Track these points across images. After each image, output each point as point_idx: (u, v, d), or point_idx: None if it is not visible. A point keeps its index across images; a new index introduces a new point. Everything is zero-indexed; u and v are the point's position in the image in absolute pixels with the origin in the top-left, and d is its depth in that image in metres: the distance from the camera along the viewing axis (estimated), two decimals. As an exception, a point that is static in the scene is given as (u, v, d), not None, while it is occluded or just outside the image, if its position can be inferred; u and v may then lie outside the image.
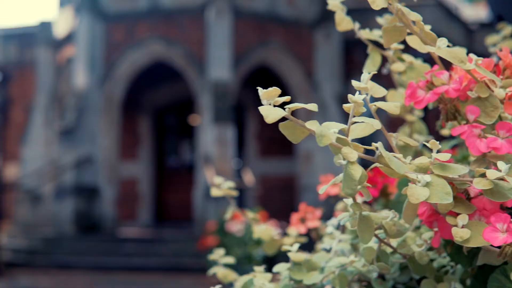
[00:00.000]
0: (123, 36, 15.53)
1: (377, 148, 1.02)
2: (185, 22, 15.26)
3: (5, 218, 16.62)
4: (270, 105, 1.02)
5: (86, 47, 15.35)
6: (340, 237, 1.40)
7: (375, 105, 1.11)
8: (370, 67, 1.35)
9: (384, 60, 1.45)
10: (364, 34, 1.32)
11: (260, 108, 1.03)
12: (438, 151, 1.04)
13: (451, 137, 1.58)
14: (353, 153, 1.00)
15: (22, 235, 15.71)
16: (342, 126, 1.01)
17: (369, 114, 1.11)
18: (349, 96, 1.04)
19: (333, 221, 1.46)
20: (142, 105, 18.57)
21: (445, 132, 1.54)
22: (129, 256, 13.18)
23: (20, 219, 16.94)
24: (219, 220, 10.53)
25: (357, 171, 0.99)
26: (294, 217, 1.72)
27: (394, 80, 1.54)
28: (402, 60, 1.34)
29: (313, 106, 1.03)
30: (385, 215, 1.10)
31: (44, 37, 17.78)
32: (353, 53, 17.51)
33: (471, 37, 19.43)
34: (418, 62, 1.41)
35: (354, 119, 1.04)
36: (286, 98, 1.04)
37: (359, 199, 1.17)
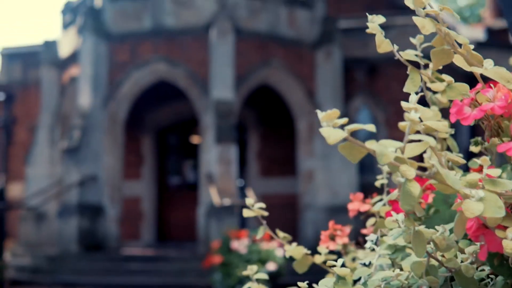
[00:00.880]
0: (127, 56, 15.70)
1: (433, 165, 1.05)
2: (188, 42, 15.44)
3: (10, 236, 16.74)
4: (331, 127, 1.05)
5: (90, 66, 15.51)
6: (381, 252, 1.41)
7: (424, 125, 1.14)
8: (410, 87, 1.38)
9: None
10: (403, 55, 1.36)
11: (321, 129, 1.08)
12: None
13: (480, 154, 1.60)
14: (411, 171, 1.03)
15: (26, 253, 15.83)
16: (399, 144, 1.05)
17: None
18: (406, 114, 1.09)
19: (372, 237, 1.49)
20: (145, 124, 18.72)
21: (473, 149, 1.57)
22: (133, 275, 13.28)
23: (25, 238, 17.06)
24: (223, 238, 10.65)
25: (416, 188, 1.03)
26: (324, 234, 1.79)
27: (427, 98, 1.59)
28: (440, 79, 1.40)
29: (371, 127, 1.06)
30: (436, 230, 1.15)
31: (48, 57, 17.95)
32: (353, 72, 17.71)
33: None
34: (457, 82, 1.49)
35: (410, 137, 1.07)
36: (344, 120, 1.06)
37: (400, 216, 1.19)
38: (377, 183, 1.80)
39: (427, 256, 1.19)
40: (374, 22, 1.38)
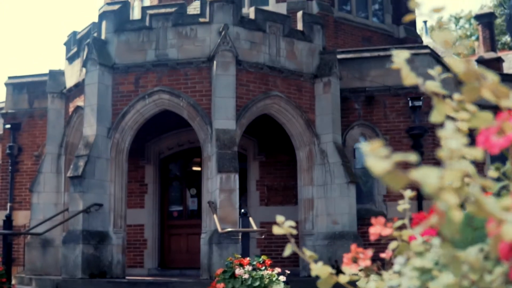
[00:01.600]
0: (131, 86, 16.07)
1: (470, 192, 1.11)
2: (191, 73, 15.83)
3: (16, 263, 17.00)
4: (376, 157, 1.10)
5: (94, 97, 15.84)
6: (410, 274, 1.43)
7: (461, 150, 1.19)
8: (437, 117, 1.38)
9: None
10: (429, 87, 1.39)
11: (366, 160, 1.14)
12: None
13: (497, 179, 1.65)
14: (453, 199, 1.08)
15: (32, 280, 16.08)
16: (441, 172, 1.08)
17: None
18: (447, 144, 1.15)
19: (401, 260, 1.53)
20: (148, 152, 19.08)
21: (492, 173, 1.63)
22: (137, 301, 13.53)
23: (30, 264, 17.31)
24: (226, 265, 10.93)
25: (458, 215, 1.09)
26: (346, 257, 1.86)
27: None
28: (465, 109, 1.42)
29: (413, 157, 1.11)
30: (471, 252, 1.21)
31: (54, 87, 18.30)
32: (351, 102, 18.11)
33: (461, 84, 20.04)
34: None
35: (451, 165, 1.12)
36: (388, 152, 1.10)
37: (435, 240, 1.29)
38: (400, 208, 1.96)
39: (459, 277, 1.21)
40: (400, 57, 1.45)
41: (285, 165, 18.34)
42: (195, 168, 19.73)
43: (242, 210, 13.63)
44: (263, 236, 16.47)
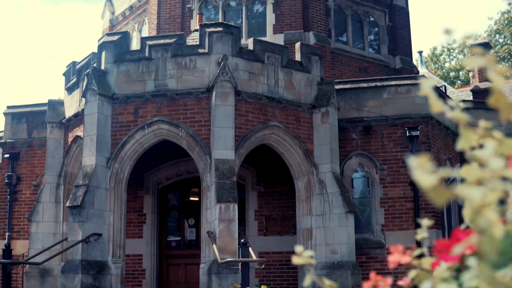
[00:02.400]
0: (130, 117, 16.16)
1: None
2: (190, 103, 15.94)
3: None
4: (423, 172, 1.15)
5: (94, 127, 15.89)
6: None
7: (502, 170, 1.21)
8: (464, 144, 1.40)
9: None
10: (456, 116, 1.41)
11: (414, 174, 1.16)
12: None
13: None
14: (495, 215, 1.10)
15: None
16: (484, 191, 1.11)
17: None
18: (488, 164, 1.16)
19: (427, 285, 1.54)
20: (147, 182, 19.12)
21: None
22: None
23: (29, 294, 17.27)
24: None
25: (499, 231, 1.11)
26: (366, 285, 1.85)
27: (468, 155, 1.59)
28: (492, 136, 1.43)
29: (456, 173, 1.20)
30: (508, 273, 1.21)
31: (53, 117, 18.39)
32: (349, 132, 18.23)
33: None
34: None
35: (493, 184, 1.15)
36: (434, 167, 1.14)
37: (473, 260, 1.26)
38: (418, 237, 1.97)
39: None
40: (426, 85, 1.45)
41: (283, 195, 18.41)
42: (193, 198, 19.78)
43: (242, 240, 13.67)
44: (262, 266, 16.50)
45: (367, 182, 18.27)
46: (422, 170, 1.18)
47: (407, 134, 17.74)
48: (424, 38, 74.27)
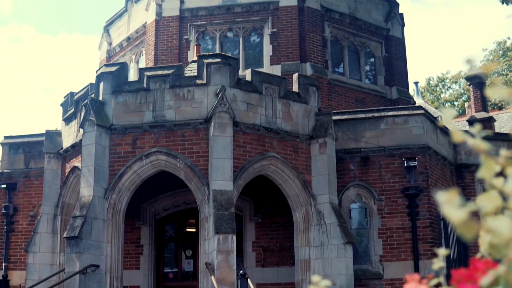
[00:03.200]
0: (128, 147, 16.15)
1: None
2: (189, 134, 15.95)
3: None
4: (452, 206, 1.18)
5: (91, 158, 15.88)
6: None
7: None
8: (486, 173, 1.40)
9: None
10: (477, 145, 1.42)
11: (445, 210, 1.19)
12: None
13: None
14: None
15: None
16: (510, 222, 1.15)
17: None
18: None
19: None
20: (144, 213, 19.05)
21: None
22: None
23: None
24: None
25: None
26: None
27: (487, 184, 1.59)
28: None
29: (492, 220, 1.17)
30: None
31: (50, 147, 18.38)
32: (346, 163, 18.24)
33: (454, 144, 20.41)
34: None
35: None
36: (463, 202, 1.15)
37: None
38: (435, 267, 1.97)
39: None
40: (447, 114, 1.49)
41: (281, 226, 18.36)
42: (190, 230, 19.71)
43: (241, 272, 13.62)
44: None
45: (365, 213, 18.25)
46: (451, 205, 1.19)
47: (405, 164, 17.77)
48: (420, 68, 74.71)
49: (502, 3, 15.76)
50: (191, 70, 17.81)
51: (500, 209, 1.29)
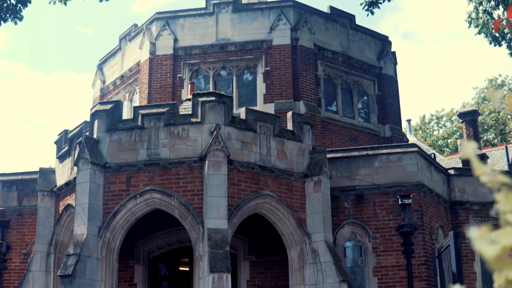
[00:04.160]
0: (122, 186, 16.13)
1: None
2: (183, 173, 15.95)
3: None
4: (485, 242, 1.20)
5: (85, 196, 15.84)
6: None
7: None
8: (507, 206, 1.40)
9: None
10: (499, 179, 1.41)
11: (478, 245, 1.20)
12: None
13: None
14: None
15: None
16: None
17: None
18: None
19: None
20: (137, 252, 18.94)
21: None
22: None
23: None
24: None
25: None
26: None
27: (502, 219, 1.55)
28: None
29: None
30: None
31: (44, 185, 18.34)
32: (341, 201, 18.25)
33: (448, 181, 20.46)
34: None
35: None
36: (496, 237, 1.17)
37: None
38: None
39: None
40: (469, 148, 1.51)
41: (276, 265, 18.28)
42: (183, 268, 19.60)
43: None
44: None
45: (359, 251, 18.21)
46: (484, 240, 1.20)
47: (399, 202, 17.79)
48: (413, 105, 75.16)
49: (490, 44, 15.96)
50: (185, 108, 17.86)
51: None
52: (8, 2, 13.62)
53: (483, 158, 27.58)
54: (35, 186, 18.89)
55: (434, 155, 26.89)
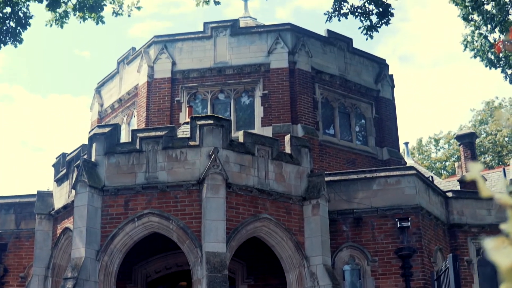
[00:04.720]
0: (120, 209, 16.10)
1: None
2: (181, 196, 15.93)
3: None
4: (500, 253, 1.20)
5: (83, 219, 15.80)
6: None
7: None
8: None
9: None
10: (505, 200, 1.40)
11: (493, 256, 1.20)
12: None
13: None
14: None
15: None
16: None
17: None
18: None
19: None
20: (135, 275, 18.87)
21: None
22: None
23: None
24: None
25: None
26: None
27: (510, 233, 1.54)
28: None
29: None
30: None
31: (42, 208, 18.30)
32: (339, 224, 18.22)
33: (447, 203, 20.46)
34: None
35: None
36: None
37: None
38: None
39: None
40: (474, 169, 1.49)
41: (274, 288, 18.21)
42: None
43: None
44: None
45: (358, 274, 18.16)
46: (499, 251, 1.20)
47: (398, 225, 17.76)
48: (410, 128, 75.29)
49: (486, 66, 16.04)
50: (183, 131, 17.89)
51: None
52: (8, 25, 13.66)
53: (480, 180, 27.57)
54: (32, 209, 18.85)
55: (432, 177, 26.92)
